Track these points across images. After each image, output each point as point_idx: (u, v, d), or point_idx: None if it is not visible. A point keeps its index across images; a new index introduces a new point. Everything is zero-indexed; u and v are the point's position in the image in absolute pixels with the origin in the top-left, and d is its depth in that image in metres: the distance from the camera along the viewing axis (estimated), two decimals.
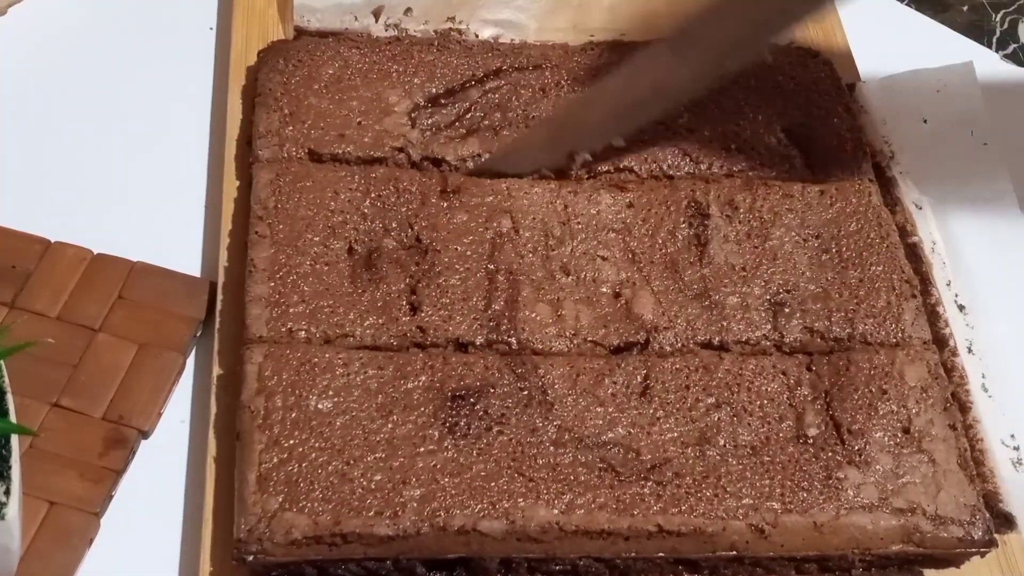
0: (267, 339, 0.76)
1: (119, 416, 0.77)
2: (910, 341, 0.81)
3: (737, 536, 0.72)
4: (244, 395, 0.74)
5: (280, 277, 0.78)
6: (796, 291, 0.82)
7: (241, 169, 0.87)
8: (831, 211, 0.86)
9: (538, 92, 0.90)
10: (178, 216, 0.88)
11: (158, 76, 0.96)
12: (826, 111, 0.92)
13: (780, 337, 0.80)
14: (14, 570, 0.70)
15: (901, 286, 0.83)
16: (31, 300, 0.80)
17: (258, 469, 0.71)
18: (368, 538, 0.69)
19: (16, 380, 0.69)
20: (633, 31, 0.98)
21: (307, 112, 0.87)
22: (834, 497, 0.73)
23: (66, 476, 0.74)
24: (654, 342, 0.79)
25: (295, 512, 0.69)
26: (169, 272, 0.83)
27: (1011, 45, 1.14)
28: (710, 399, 0.77)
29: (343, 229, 0.81)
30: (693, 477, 0.73)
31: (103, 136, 0.92)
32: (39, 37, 0.97)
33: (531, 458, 0.73)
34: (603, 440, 0.74)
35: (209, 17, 1.00)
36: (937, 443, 0.76)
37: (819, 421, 0.77)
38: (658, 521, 0.71)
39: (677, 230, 0.84)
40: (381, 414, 0.73)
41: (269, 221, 0.81)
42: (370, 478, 0.71)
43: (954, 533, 0.73)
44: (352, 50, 0.91)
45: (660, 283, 0.82)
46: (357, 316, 0.78)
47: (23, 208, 0.85)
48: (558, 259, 0.82)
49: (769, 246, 0.84)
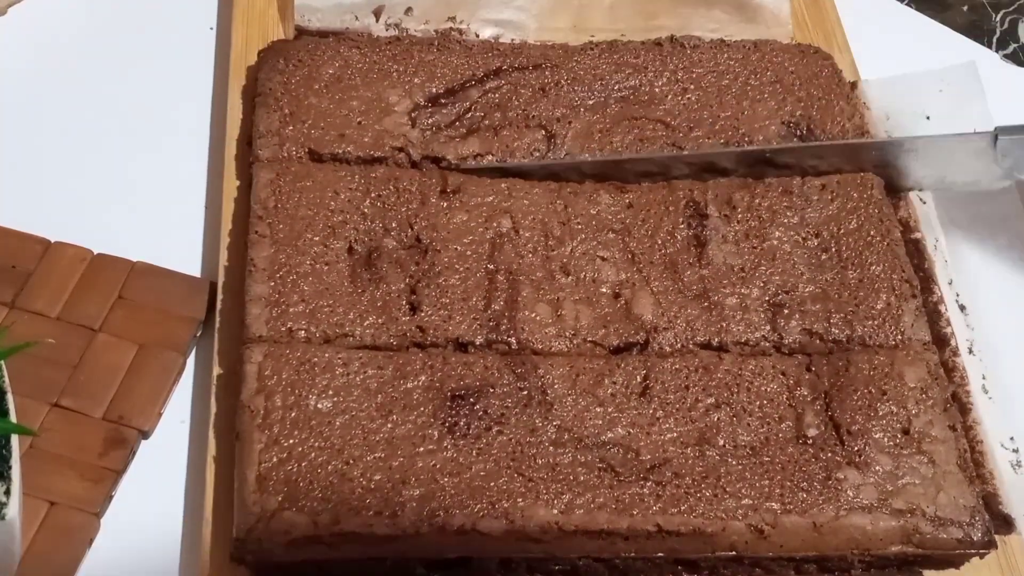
0: (267, 339, 0.76)
1: (119, 416, 0.77)
2: (910, 343, 0.81)
3: (736, 536, 0.72)
4: (244, 394, 0.74)
5: (280, 277, 0.78)
6: (795, 292, 0.82)
7: (241, 169, 0.87)
8: (831, 207, 0.86)
9: (538, 92, 0.90)
10: (178, 216, 0.88)
11: (158, 76, 0.96)
12: (826, 102, 0.92)
13: (779, 338, 0.80)
14: (14, 570, 0.70)
15: (901, 286, 0.83)
16: (31, 300, 0.80)
17: (257, 468, 0.71)
18: (367, 538, 0.69)
19: (16, 380, 0.69)
20: (633, 31, 0.98)
21: (307, 112, 0.87)
22: (833, 498, 0.73)
23: (66, 476, 0.74)
24: (653, 342, 0.79)
25: (294, 512, 0.69)
26: (169, 272, 0.83)
27: (1011, 45, 1.14)
28: (709, 399, 0.77)
29: (343, 229, 0.81)
30: (692, 477, 0.73)
31: (103, 136, 0.92)
32: (39, 37, 0.97)
33: (530, 458, 0.73)
34: (602, 440, 0.74)
35: (209, 17, 1.00)
36: (937, 444, 0.76)
37: (818, 422, 0.76)
38: (657, 521, 0.71)
39: (676, 231, 0.84)
40: (381, 414, 0.74)
41: (269, 221, 0.81)
42: (369, 478, 0.71)
43: (953, 534, 0.73)
44: (352, 50, 0.91)
45: (659, 283, 0.82)
46: (357, 316, 0.78)
47: (23, 208, 0.85)
48: (558, 259, 0.82)
49: (767, 246, 0.84)
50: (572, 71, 0.92)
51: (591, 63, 0.93)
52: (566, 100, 0.90)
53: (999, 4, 1.17)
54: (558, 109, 0.89)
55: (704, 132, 0.90)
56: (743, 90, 0.93)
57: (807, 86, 0.93)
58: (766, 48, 0.96)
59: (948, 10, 1.15)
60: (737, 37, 0.98)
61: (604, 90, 0.91)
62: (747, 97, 0.92)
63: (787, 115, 0.92)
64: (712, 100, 0.92)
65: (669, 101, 0.91)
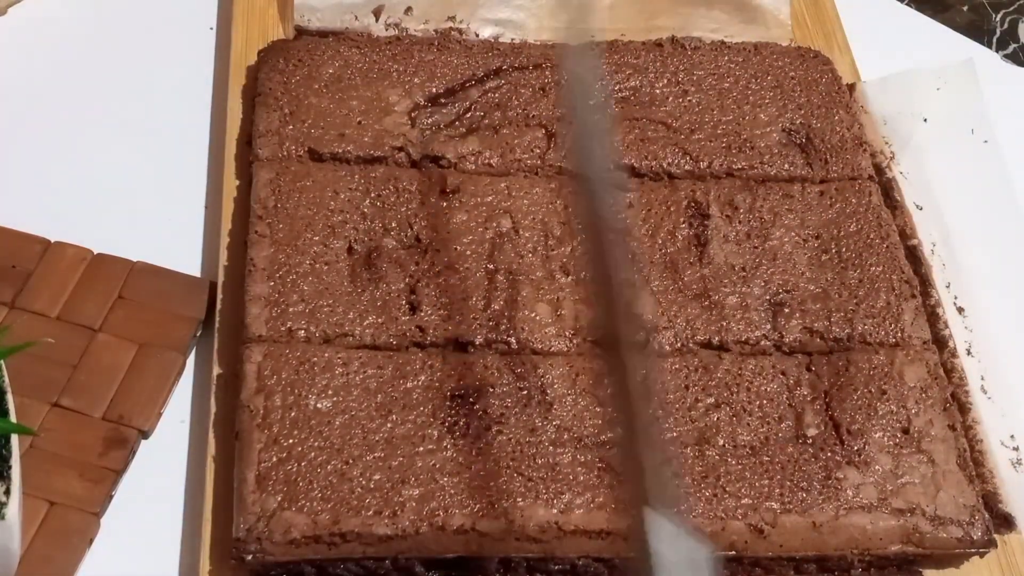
0: (267, 338, 0.76)
1: (119, 416, 0.76)
2: (910, 341, 0.81)
3: (736, 536, 0.72)
4: (243, 394, 0.74)
5: (280, 276, 0.78)
6: (796, 291, 0.82)
7: (241, 168, 0.87)
8: (831, 211, 0.86)
9: (538, 91, 0.90)
10: (178, 216, 0.88)
11: (158, 76, 0.95)
12: (826, 110, 0.92)
13: (780, 337, 0.80)
14: (14, 570, 0.69)
15: (900, 286, 0.83)
16: (31, 300, 0.80)
17: (257, 468, 0.71)
18: (367, 537, 0.69)
19: (16, 380, 0.69)
20: (633, 31, 0.98)
21: (307, 111, 0.87)
22: (833, 497, 0.73)
23: (66, 476, 0.74)
24: (654, 342, 0.79)
25: (294, 511, 0.69)
26: (169, 272, 0.83)
27: (1011, 45, 1.14)
28: (709, 399, 0.77)
29: (343, 228, 0.81)
30: (692, 477, 0.73)
31: (103, 136, 0.92)
32: (39, 37, 0.97)
33: (530, 457, 0.73)
34: (602, 440, 0.74)
35: (209, 17, 1.00)
36: (936, 443, 0.76)
37: (818, 421, 0.76)
38: None
39: (677, 230, 0.84)
40: (380, 413, 0.73)
41: (269, 220, 0.81)
42: (369, 477, 0.71)
43: (953, 534, 0.73)
44: (352, 49, 0.91)
45: (660, 283, 0.82)
46: (357, 315, 0.78)
47: (23, 208, 0.85)
48: (558, 259, 0.82)
49: (769, 246, 0.84)
50: None
51: (591, 64, 0.92)
52: (566, 100, 0.90)
53: (999, 4, 1.17)
54: (558, 109, 0.89)
55: (706, 135, 0.90)
56: (744, 94, 0.93)
57: (807, 92, 0.93)
58: (766, 51, 0.96)
59: (948, 10, 1.15)
60: (737, 37, 0.98)
61: (604, 90, 0.91)
62: (748, 102, 0.92)
63: (787, 122, 0.92)
64: (713, 103, 0.92)
65: (670, 103, 0.91)
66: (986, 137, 0.93)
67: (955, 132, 0.94)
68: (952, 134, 0.94)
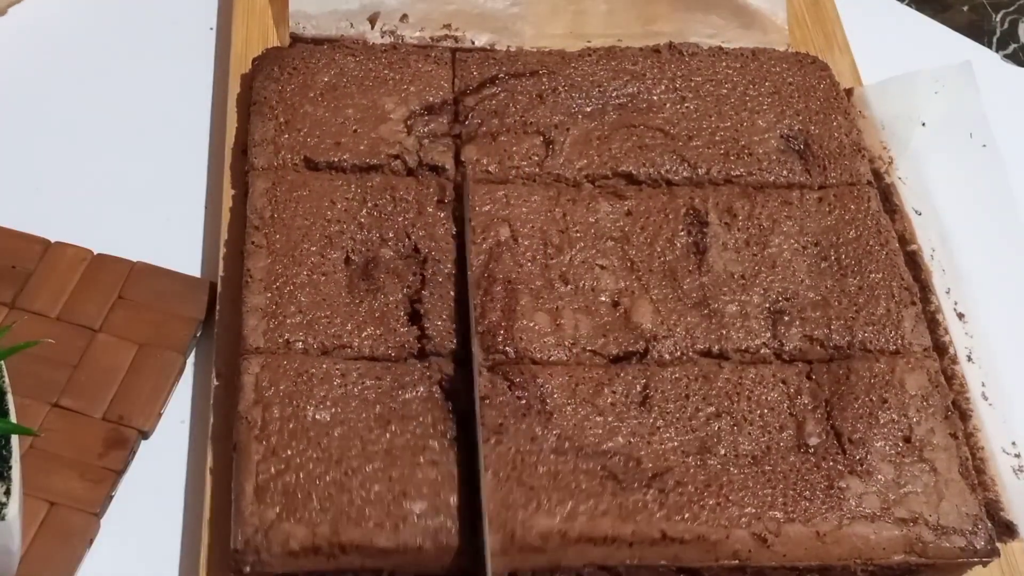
0: (264, 350, 0.76)
1: (119, 416, 0.77)
2: (910, 348, 0.81)
3: (740, 545, 0.72)
4: (241, 406, 0.73)
5: (277, 288, 0.78)
6: (795, 299, 0.82)
7: (237, 178, 0.86)
8: (830, 218, 0.86)
9: (535, 99, 0.90)
10: (178, 216, 0.88)
11: (158, 76, 0.95)
12: (824, 116, 0.92)
13: (780, 345, 0.80)
14: (14, 570, 0.70)
15: (900, 293, 0.83)
16: (31, 300, 0.80)
17: (255, 479, 0.70)
18: (367, 549, 0.69)
19: (16, 380, 0.69)
20: (630, 36, 0.97)
21: (303, 120, 0.86)
22: (836, 506, 0.73)
23: (66, 476, 0.74)
24: (653, 351, 0.79)
25: (293, 522, 0.69)
26: (169, 272, 0.83)
27: (1011, 45, 1.14)
28: (710, 408, 0.76)
29: (340, 239, 0.81)
30: (695, 486, 0.73)
31: (103, 136, 0.92)
32: (39, 37, 0.97)
33: (531, 466, 0.72)
34: (603, 449, 0.74)
35: (209, 17, 1.00)
36: (938, 452, 0.76)
37: (820, 430, 0.76)
38: (662, 527, 0.71)
39: (676, 238, 0.84)
40: (379, 424, 0.73)
41: (265, 231, 0.80)
42: (369, 488, 0.70)
43: (956, 543, 0.73)
44: (348, 57, 0.90)
45: (659, 291, 0.81)
46: (355, 327, 0.77)
47: (23, 208, 0.85)
48: (557, 268, 0.81)
49: (768, 254, 0.84)
50: (569, 78, 0.91)
51: (589, 69, 0.92)
52: (564, 107, 0.90)
53: (999, 4, 1.17)
54: (556, 116, 0.89)
55: (704, 142, 0.89)
56: (742, 100, 0.92)
57: (805, 98, 0.93)
58: (764, 57, 0.95)
59: (948, 10, 1.15)
60: (734, 43, 0.97)
61: (602, 97, 0.91)
62: (746, 108, 0.92)
63: (785, 128, 0.91)
64: (711, 109, 0.91)
65: (668, 109, 0.91)
66: (985, 141, 0.93)
67: (953, 136, 0.93)
68: (950, 138, 0.93)
